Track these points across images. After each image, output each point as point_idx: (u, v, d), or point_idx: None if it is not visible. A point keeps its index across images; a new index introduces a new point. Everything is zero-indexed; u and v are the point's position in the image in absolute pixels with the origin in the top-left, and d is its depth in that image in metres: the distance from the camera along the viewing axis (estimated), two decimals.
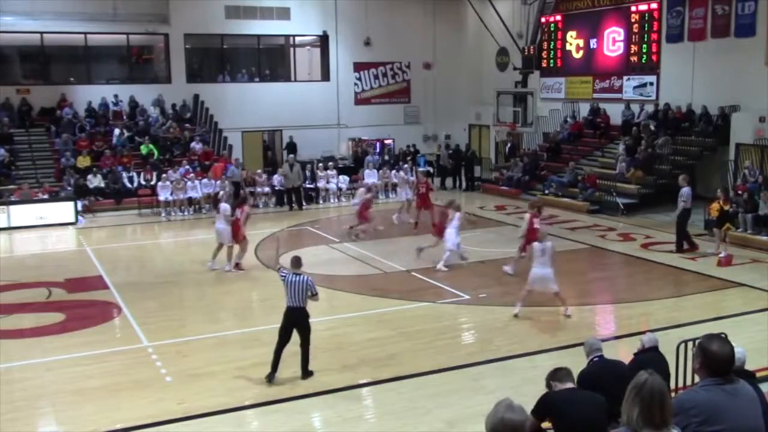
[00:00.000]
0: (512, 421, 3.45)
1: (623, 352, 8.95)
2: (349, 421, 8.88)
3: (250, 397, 9.52)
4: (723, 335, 4.54)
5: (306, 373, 10.03)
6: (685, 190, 17.08)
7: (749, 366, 7.12)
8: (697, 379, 4.40)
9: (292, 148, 29.05)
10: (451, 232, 15.98)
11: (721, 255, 16.55)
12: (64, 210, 22.07)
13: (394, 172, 26.81)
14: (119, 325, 12.74)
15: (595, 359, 7.13)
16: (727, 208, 17.28)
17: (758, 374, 7.95)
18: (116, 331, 12.47)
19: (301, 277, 9.93)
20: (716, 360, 4.09)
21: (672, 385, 7.85)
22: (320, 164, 26.76)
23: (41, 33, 27.22)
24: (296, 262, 10.23)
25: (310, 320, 10.08)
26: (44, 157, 25.82)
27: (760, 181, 19.11)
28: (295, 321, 9.93)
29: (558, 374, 6.24)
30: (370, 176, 26.54)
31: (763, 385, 6.57)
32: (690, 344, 8.16)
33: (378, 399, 9.71)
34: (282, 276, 10.06)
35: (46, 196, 22.67)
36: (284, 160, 27.21)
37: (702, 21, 23.11)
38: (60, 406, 9.43)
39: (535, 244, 12.99)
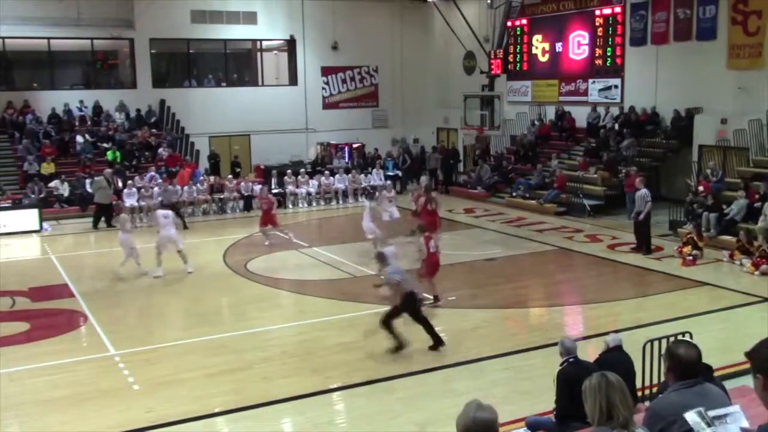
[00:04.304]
0: (484, 420, 3.51)
1: (591, 353, 9.03)
2: (319, 426, 8.84)
3: (219, 404, 9.43)
4: (687, 334, 4.62)
5: None
6: (645, 191, 17.34)
7: (715, 365, 7.21)
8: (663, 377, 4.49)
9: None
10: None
11: (695, 252, 16.76)
12: (28, 218, 21.68)
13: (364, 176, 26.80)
14: (85, 334, 12.56)
15: (570, 360, 7.34)
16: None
17: (723, 371, 8.09)
18: (82, 340, 12.29)
19: None
20: (683, 363, 4.25)
21: (639, 384, 7.95)
22: (289, 171, 26.19)
23: (3, 38, 26.84)
24: None
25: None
26: (7, 164, 25.40)
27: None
28: None
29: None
30: (340, 181, 26.46)
31: (731, 381, 6.69)
32: (656, 343, 8.28)
33: (349, 403, 9.69)
34: None
35: (8, 204, 22.27)
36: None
37: (665, 24, 23.45)
38: (25, 417, 9.25)
39: (157, 212, 16.35)
